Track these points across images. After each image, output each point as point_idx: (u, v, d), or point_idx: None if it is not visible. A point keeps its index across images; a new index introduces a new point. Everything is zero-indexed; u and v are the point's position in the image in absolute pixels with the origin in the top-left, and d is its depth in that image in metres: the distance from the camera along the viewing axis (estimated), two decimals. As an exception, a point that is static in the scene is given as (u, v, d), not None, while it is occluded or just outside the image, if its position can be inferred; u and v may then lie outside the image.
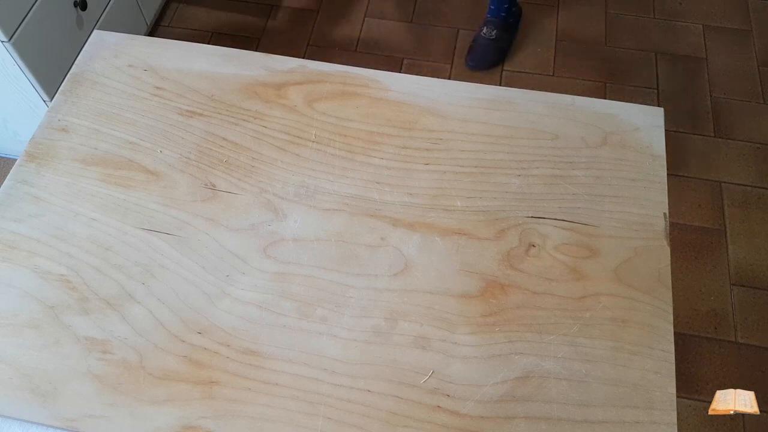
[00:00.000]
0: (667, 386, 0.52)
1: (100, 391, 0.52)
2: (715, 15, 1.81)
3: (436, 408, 0.51)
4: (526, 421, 0.51)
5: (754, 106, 1.64)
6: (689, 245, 1.41)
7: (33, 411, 0.51)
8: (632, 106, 0.67)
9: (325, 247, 0.58)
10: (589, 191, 0.61)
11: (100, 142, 0.64)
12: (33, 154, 0.63)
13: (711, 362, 1.27)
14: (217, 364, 0.53)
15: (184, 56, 0.70)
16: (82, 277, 0.56)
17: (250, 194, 0.61)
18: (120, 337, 0.54)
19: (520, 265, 0.57)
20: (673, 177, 1.50)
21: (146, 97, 0.67)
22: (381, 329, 0.54)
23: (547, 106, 0.66)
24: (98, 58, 0.70)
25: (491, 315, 0.55)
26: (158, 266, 0.57)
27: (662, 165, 0.63)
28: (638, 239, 0.59)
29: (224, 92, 0.67)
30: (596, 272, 0.57)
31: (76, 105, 0.66)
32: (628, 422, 0.51)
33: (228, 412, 0.51)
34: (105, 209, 0.60)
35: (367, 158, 0.63)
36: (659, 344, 0.54)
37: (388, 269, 0.57)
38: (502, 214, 0.60)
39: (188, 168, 0.62)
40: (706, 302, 1.34)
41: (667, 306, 0.55)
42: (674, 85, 1.68)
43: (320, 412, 0.51)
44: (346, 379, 0.52)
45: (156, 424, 0.50)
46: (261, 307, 0.55)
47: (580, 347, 0.54)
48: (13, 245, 0.58)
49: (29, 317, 0.55)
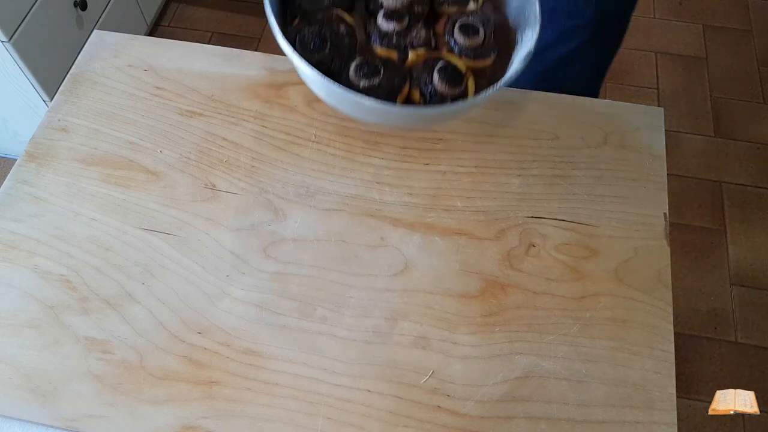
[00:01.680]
0: (667, 386, 0.52)
1: (100, 391, 0.52)
2: (715, 15, 1.81)
3: (436, 408, 0.51)
4: (526, 421, 0.51)
5: (754, 106, 1.64)
6: (689, 245, 1.41)
7: (33, 411, 0.51)
8: (632, 106, 0.67)
9: (325, 247, 0.58)
10: (589, 191, 0.61)
11: (100, 142, 0.64)
12: (33, 154, 0.63)
13: (711, 362, 1.27)
14: (217, 364, 0.53)
15: (184, 56, 0.70)
16: (82, 277, 0.56)
17: (250, 194, 0.61)
18: (120, 337, 0.54)
19: (520, 265, 0.57)
20: (673, 177, 1.50)
21: (146, 97, 0.67)
22: (381, 329, 0.54)
23: (547, 106, 0.66)
24: (98, 58, 0.70)
25: (491, 315, 0.55)
26: (158, 266, 0.57)
27: (662, 165, 0.63)
28: (638, 239, 0.59)
29: (224, 92, 0.67)
30: (596, 272, 0.57)
31: (76, 105, 0.66)
32: (628, 422, 0.51)
33: (228, 412, 0.51)
34: (105, 209, 0.60)
35: (367, 158, 0.63)
36: (659, 344, 0.54)
37: (388, 269, 0.57)
38: (502, 214, 0.60)
39: (188, 168, 0.62)
40: (706, 302, 1.34)
41: (667, 306, 0.55)
42: (674, 85, 1.68)
43: (320, 412, 0.51)
44: (346, 379, 0.52)
45: (156, 424, 0.50)
46: (261, 307, 0.55)
47: (580, 347, 0.54)
48: (13, 245, 0.58)
49: (29, 317, 0.55)
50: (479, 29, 0.54)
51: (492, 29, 0.56)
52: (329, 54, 0.53)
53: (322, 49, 0.53)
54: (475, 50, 0.55)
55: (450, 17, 0.56)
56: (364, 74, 0.51)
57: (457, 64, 0.54)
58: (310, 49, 0.53)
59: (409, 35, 0.55)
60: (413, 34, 0.55)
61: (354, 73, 0.52)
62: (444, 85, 0.52)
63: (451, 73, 0.52)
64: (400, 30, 0.55)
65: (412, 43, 0.55)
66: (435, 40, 0.56)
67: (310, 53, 0.52)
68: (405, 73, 0.53)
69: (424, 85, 0.53)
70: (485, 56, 0.55)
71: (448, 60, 0.54)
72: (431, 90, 0.53)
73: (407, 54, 0.55)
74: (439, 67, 0.52)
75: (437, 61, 0.53)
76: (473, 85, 0.54)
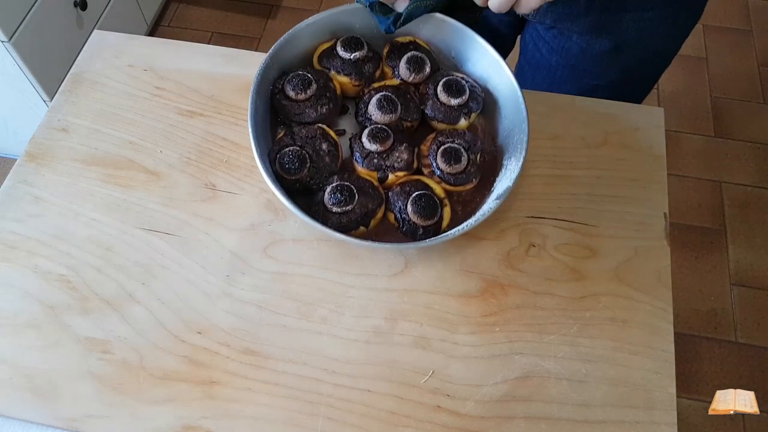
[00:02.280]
0: (667, 386, 0.52)
1: (100, 391, 0.52)
2: (715, 15, 1.81)
3: (436, 408, 0.51)
4: (526, 421, 0.51)
5: (754, 106, 1.64)
6: (689, 245, 1.42)
7: (33, 411, 0.51)
8: (632, 106, 0.67)
9: (325, 247, 0.58)
10: (589, 191, 0.61)
11: (100, 142, 0.64)
12: (33, 154, 0.63)
13: (711, 362, 1.27)
14: (217, 364, 0.53)
15: (184, 56, 0.70)
16: (82, 277, 0.56)
17: (250, 194, 0.61)
18: (120, 337, 0.54)
19: (520, 265, 0.57)
20: (673, 177, 1.50)
21: (146, 97, 0.67)
22: (381, 329, 0.54)
23: (547, 106, 0.66)
24: (98, 58, 0.70)
25: (491, 315, 0.55)
26: (158, 266, 0.57)
27: (662, 165, 0.63)
28: (638, 239, 0.59)
29: (224, 92, 0.67)
30: (596, 272, 0.57)
31: (76, 105, 0.66)
32: (628, 422, 0.51)
33: (228, 412, 0.51)
34: (105, 209, 0.60)
35: (367, 158, 0.63)
36: (659, 344, 0.54)
37: (388, 269, 0.57)
38: (502, 214, 0.60)
39: (188, 168, 0.62)
40: (706, 302, 1.34)
41: (667, 306, 0.55)
42: (674, 85, 1.68)
43: (320, 412, 0.51)
44: (346, 379, 0.52)
45: (156, 424, 0.50)
46: (261, 307, 0.55)
47: (580, 347, 0.54)
48: (13, 245, 0.58)
49: (29, 317, 0.55)
50: (462, 156, 0.55)
51: (477, 155, 0.57)
52: (308, 174, 0.55)
53: (300, 170, 0.55)
54: (455, 176, 0.56)
55: (435, 138, 0.57)
56: (337, 201, 0.53)
57: (434, 192, 0.55)
58: (289, 170, 0.55)
59: (391, 156, 0.56)
60: (395, 156, 0.56)
61: (328, 197, 0.54)
62: (417, 216, 0.53)
63: (425, 205, 0.53)
64: (383, 150, 0.56)
65: (393, 166, 0.56)
66: (418, 162, 0.57)
67: (288, 173, 0.55)
68: (380, 197, 0.55)
69: (398, 211, 0.55)
70: (466, 183, 0.56)
71: (425, 187, 0.55)
72: (405, 218, 0.54)
73: (387, 175, 0.56)
74: (415, 196, 0.54)
75: (415, 188, 0.55)
76: (449, 214, 0.55)
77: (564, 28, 0.73)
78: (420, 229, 0.54)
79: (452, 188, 0.56)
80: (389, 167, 0.56)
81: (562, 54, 0.76)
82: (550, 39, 0.76)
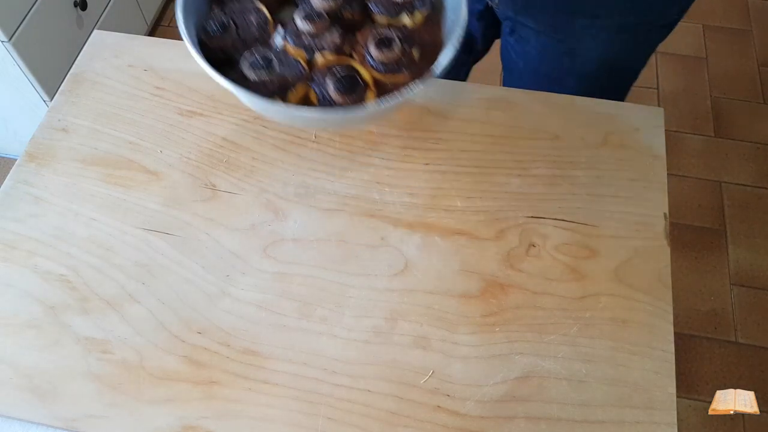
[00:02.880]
0: (667, 386, 0.52)
1: (100, 391, 0.52)
2: (715, 15, 1.81)
3: (436, 408, 0.51)
4: (526, 421, 0.51)
5: (754, 106, 1.64)
6: (689, 245, 1.41)
7: (33, 411, 0.51)
8: (632, 106, 0.67)
9: (325, 247, 0.58)
10: (589, 191, 0.61)
11: (100, 142, 0.64)
12: (33, 154, 0.63)
13: (711, 362, 1.27)
14: (217, 364, 0.53)
15: (184, 56, 0.70)
16: (82, 277, 0.56)
17: (250, 194, 0.61)
18: (120, 337, 0.54)
19: (520, 265, 0.57)
20: (673, 177, 1.50)
21: (146, 97, 0.67)
22: (381, 329, 0.54)
23: (547, 106, 0.66)
24: (98, 58, 0.70)
25: (491, 315, 0.55)
26: (158, 266, 0.57)
27: (662, 165, 0.63)
28: (638, 239, 0.59)
29: (224, 92, 0.67)
30: (596, 272, 0.57)
31: (76, 105, 0.66)
32: (628, 422, 0.51)
33: (228, 412, 0.51)
34: (105, 209, 0.60)
35: (368, 158, 0.63)
36: (659, 344, 0.54)
37: (388, 269, 0.57)
38: (502, 214, 0.60)
39: (188, 168, 0.62)
40: (706, 302, 1.34)
41: (667, 306, 0.55)
42: (674, 85, 1.68)
43: (320, 412, 0.51)
44: (346, 379, 0.52)
45: (156, 424, 0.50)
46: (261, 307, 0.55)
47: (580, 347, 0.54)
48: (13, 245, 0.58)
49: (29, 317, 0.55)
50: (394, 43, 0.52)
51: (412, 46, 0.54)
52: (231, 41, 0.52)
53: (223, 35, 0.52)
54: (386, 65, 0.53)
55: (373, 29, 0.55)
56: (252, 63, 0.50)
57: (359, 74, 0.52)
58: (210, 34, 0.52)
59: (322, 39, 0.53)
60: (326, 38, 0.54)
61: (244, 60, 0.51)
62: (336, 93, 0.50)
63: (346, 81, 0.50)
64: (314, 32, 0.53)
65: (322, 46, 0.53)
66: (352, 48, 0.54)
67: (210, 38, 0.52)
68: (302, 72, 0.52)
69: (319, 88, 0.52)
70: (396, 72, 0.53)
71: (353, 70, 0.52)
72: (326, 95, 0.51)
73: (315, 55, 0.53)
74: (337, 74, 0.51)
75: (342, 70, 0.52)
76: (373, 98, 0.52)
77: (524, 32, 0.75)
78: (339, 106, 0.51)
79: (381, 77, 0.53)
80: (318, 47, 0.53)
81: (524, 57, 0.78)
82: (514, 42, 0.78)
